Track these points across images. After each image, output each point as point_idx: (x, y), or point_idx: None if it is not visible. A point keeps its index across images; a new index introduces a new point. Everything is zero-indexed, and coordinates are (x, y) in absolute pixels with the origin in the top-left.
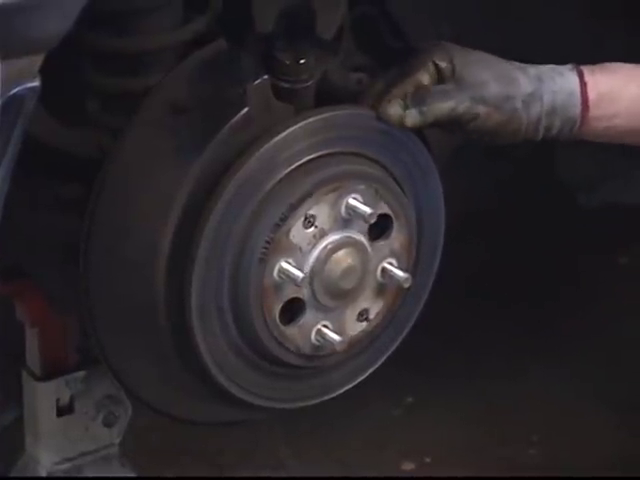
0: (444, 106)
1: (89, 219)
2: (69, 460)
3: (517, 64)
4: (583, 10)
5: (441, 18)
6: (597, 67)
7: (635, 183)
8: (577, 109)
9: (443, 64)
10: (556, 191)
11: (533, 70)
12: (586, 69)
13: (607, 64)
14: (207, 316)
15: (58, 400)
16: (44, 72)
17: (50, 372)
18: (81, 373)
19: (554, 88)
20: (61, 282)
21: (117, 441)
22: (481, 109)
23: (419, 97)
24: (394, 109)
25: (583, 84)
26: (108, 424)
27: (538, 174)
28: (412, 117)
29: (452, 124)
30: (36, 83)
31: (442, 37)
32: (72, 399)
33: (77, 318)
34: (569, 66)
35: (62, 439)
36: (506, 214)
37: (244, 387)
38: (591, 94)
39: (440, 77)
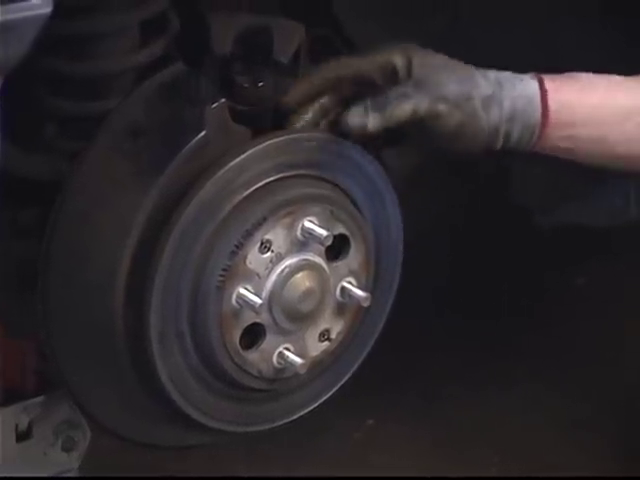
0: (405, 108)
1: (47, 243)
2: None
3: (477, 68)
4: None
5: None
6: (558, 75)
7: (590, 204)
8: (537, 116)
9: (400, 64)
10: (512, 212)
11: (493, 74)
12: (547, 77)
13: (569, 73)
14: (167, 340)
15: (17, 426)
16: (1, 97)
17: (8, 398)
18: (39, 398)
19: (514, 94)
20: (19, 307)
21: (76, 465)
22: (442, 107)
23: (379, 102)
24: (357, 117)
25: (544, 91)
26: (67, 449)
27: (493, 195)
28: (374, 122)
29: (414, 126)
30: None
31: None
32: (30, 424)
33: (35, 343)
34: (530, 74)
35: (21, 464)
36: (462, 236)
37: (205, 411)
38: (551, 101)
39: (397, 78)
